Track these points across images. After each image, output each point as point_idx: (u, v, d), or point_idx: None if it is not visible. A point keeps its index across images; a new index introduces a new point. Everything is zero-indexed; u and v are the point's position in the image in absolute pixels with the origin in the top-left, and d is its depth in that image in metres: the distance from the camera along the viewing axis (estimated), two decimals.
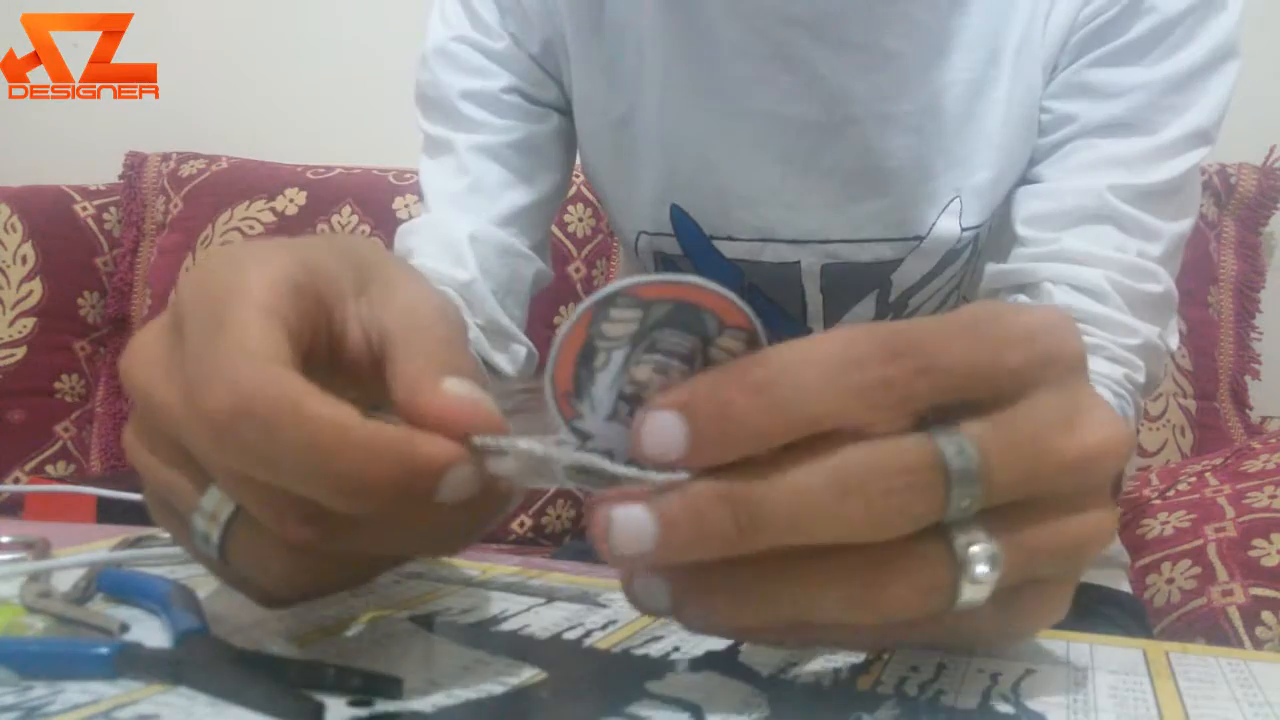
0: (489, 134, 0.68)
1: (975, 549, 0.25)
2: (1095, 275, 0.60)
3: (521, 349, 0.68)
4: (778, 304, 0.71)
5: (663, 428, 0.23)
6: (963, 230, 0.65)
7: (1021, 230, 0.63)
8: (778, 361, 0.24)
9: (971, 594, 0.25)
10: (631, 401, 0.25)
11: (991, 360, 0.25)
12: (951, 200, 0.65)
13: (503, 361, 0.66)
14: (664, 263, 0.72)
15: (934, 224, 0.65)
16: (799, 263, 0.68)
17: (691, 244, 0.70)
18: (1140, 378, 0.59)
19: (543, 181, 0.70)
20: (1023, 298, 0.62)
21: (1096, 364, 0.58)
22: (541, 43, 0.68)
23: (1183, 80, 0.61)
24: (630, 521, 0.24)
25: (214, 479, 0.28)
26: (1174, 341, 0.64)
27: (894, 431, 0.24)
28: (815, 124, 0.64)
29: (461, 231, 0.65)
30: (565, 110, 0.72)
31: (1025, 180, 0.65)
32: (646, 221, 0.70)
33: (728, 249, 0.69)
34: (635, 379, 0.25)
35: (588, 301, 0.23)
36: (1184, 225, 0.63)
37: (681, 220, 0.69)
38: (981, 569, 0.25)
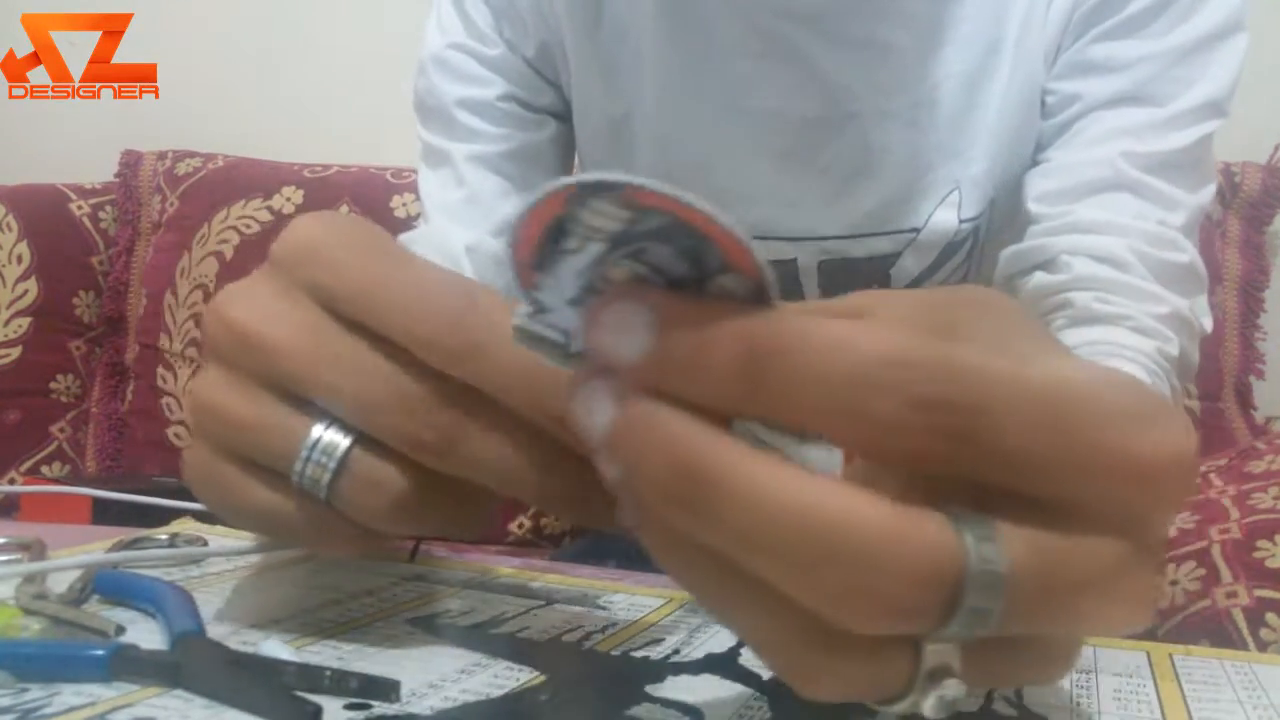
0: (485, 143, 0.68)
1: (948, 681, 0.20)
2: (1115, 244, 0.57)
3: None
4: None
5: (628, 321, 0.20)
6: (961, 222, 0.65)
7: (1034, 208, 0.62)
8: (793, 333, 0.19)
9: (923, 709, 0.21)
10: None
11: (1068, 476, 0.20)
12: (950, 192, 0.65)
13: None
14: None
15: (930, 216, 0.65)
16: (796, 260, 0.68)
17: None
18: (1173, 350, 0.56)
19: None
20: (1040, 274, 0.60)
21: (1122, 336, 0.55)
22: (537, 46, 0.68)
23: (1188, 51, 0.60)
24: (592, 396, 0.21)
25: (339, 406, 0.29)
26: (1208, 322, 0.60)
27: (897, 478, 0.20)
28: (814, 120, 0.64)
29: (458, 243, 0.65)
30: (563, 115, 0.72)
31: (1034, 166, 0.64)
32: None
33: None
34: (610, 278, 0.21)
35: (568, 180, 0.19)
36: (1203, 196, 0.61)
37: None
38: (946, 694, 0.20)
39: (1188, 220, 0.60)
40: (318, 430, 0.29)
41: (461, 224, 0.67)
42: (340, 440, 0.29)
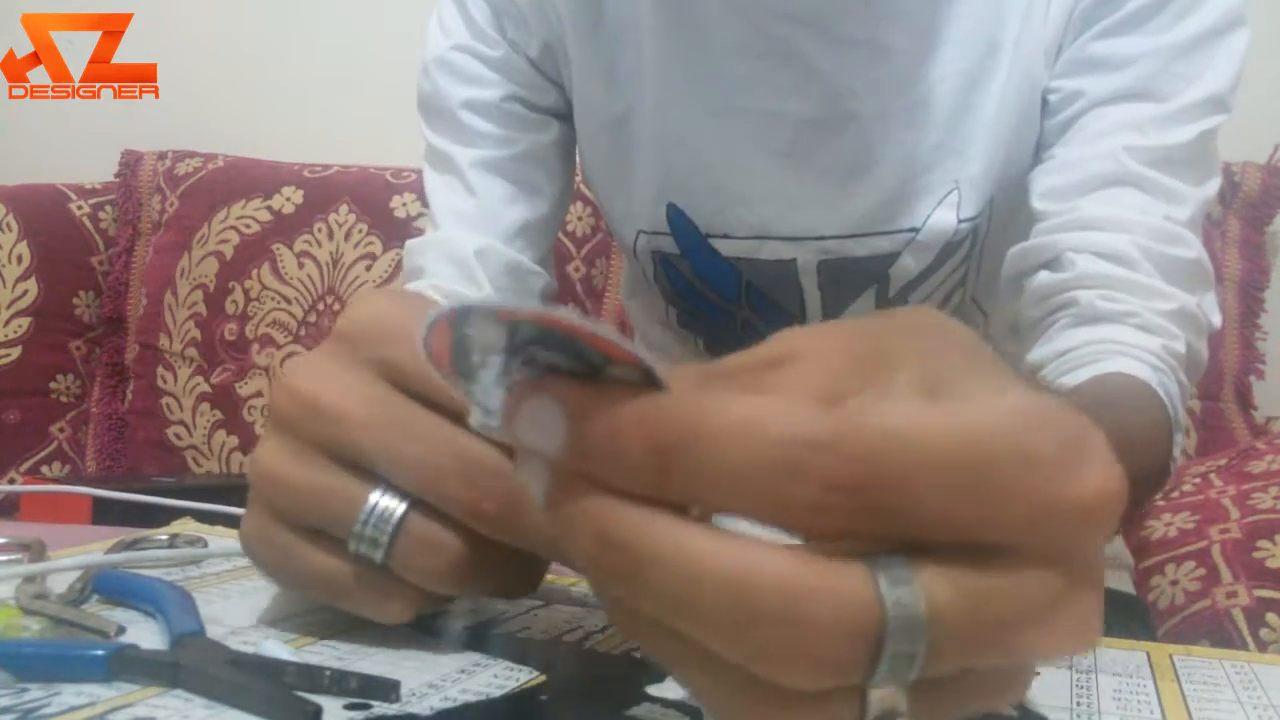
0: (490, 147, 0.68)
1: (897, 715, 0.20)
2: (1121, 240, 0.57)
3: None
4: (777, 302, 0.71)
5: (541, 415, 0.20)
6: (960, 222, 0.65)
7: (1038, 205, 0.62)
8: (693, 421, 0.19)
9: None
10: None
11: (994, 530, 0.19)
12: (949, 192, 0.65)
13: None
14: (662, 262, 0.72)
15: (929, 216, 0.65)
16: (795, 260, 0.68)
17: (688, 243, 0.70)
18: (1179, 347, 0.55)
19: (545, 194, 0.71)
20: (1045, 273, 0.60)
21: (1128, 334, 0.55)
22: (540, 46, 0.68)
23: (1190, 47, 0.60)
24: (530, 473, 0.21)
25: (401, 473, 0.30)
26: (1216, 318, 0.60)
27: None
28: (812, 120, 0.64)
29: (468, 248, 0.65)
30: (565, 115, 0.72)
31: (1037, 164, 0.64)
32: (644, 221, 0.70)
33: (724, 247, 0.69)
34: (520, 380, 0.21)
35: (437, 313, 0.20)
36: (1208, 190, 0.61)
37: (678, 219, 0.69)
38: None
39: (1192, 215, 0.59)
40: (375, 495, 0.30)
41: (470, 230, 0.67)
42: (397, 505, 0.30)
